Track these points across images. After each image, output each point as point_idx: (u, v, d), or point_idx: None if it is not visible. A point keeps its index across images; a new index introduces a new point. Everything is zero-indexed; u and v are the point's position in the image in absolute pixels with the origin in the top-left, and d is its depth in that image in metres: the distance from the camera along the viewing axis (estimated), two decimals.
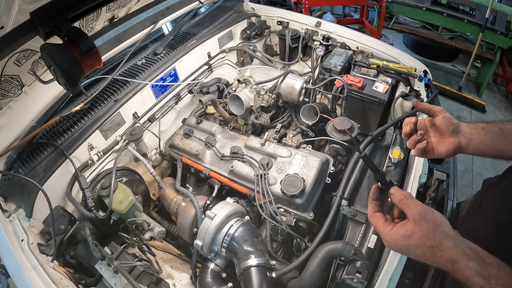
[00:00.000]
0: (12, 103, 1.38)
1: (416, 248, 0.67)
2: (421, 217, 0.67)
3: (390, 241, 0.71)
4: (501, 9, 3.82)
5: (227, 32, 2.34)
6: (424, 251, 0.66)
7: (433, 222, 0.66)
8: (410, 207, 0.70)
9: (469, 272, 0.62)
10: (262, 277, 1.17)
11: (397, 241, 0.70)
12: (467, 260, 0.62)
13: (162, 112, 1.94)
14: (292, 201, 1.40)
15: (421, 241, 0.66)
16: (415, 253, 0.68)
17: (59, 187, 1.43)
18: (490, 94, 4.34)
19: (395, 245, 0.71)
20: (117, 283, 1.17)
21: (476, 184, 3.19)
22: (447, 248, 0.64)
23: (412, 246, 0.67)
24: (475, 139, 0.86)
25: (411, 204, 0.70)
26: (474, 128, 0.87)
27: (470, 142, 0.86)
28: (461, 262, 0.62)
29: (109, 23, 1.58)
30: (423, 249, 0.66)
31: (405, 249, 0.70)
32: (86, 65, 1.06)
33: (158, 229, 1.45)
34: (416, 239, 0.66)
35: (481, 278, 0.60)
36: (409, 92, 1.80)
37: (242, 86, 1.90)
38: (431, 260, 0.66)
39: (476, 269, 0.61)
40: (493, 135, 0.85)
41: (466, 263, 0.62)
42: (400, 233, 0.69)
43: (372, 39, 2.19)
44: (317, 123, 1.76)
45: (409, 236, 0.67)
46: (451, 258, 0.64)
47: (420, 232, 0.66)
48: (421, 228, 0.66)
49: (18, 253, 1.16)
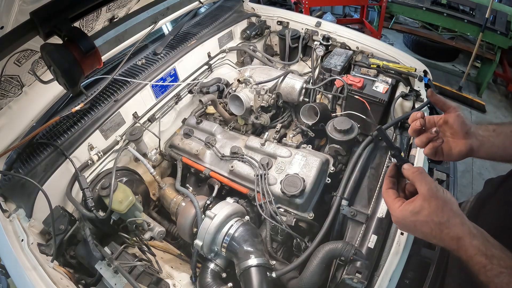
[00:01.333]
0: (12, 103, 1.38)
1: (424, 225, 0.68)
2: (431, 193, 0.68)
3: (399, 216, 0.72)
4: (501, 9, 3.82)
5: (227, 32, 2.34)
6: (431, 228, 0.67)
7: (443, 200, 0.68)
8: (421, 182, 0.71)
9: (473, 250, 0.62)
10: (262, 277, 1.17)
11: (405, 217, 0.70)
12: (472, 238, 0.63)
13: (162, 112, 1.94)
14: (292, 201, 1.40)
15: (429, 217, 0.67)
16: (422, 230, 0.69)
17: (59, 187, 1.43)
18: (490, 94, 4.34)
19: (403, 221, 0.72)
20: (117, 283, 1.17)
21: (476, 184, 3.19)
22: (454, 226, 0.65)
23: (420, 222, 0.68)
24: (487, 142, 0.82)
25: (422, 179, 0.71)
26: (486, 130, 0.83)
27: (482, 145, 0.82)
28: (466, 240, 0.63)
29: (109, 23, 1.58)
30: (430, 226, 0.67)
31: (412, 226, 0.70)
32: (86, 65, 1.06)
33: (158, 229, 1.45)
34: (424, 215, 0.68)
35: (484, 257, 0.61)
36: (409, 92, 1.80)
37: (242, 86, 1.90)
38: (437, 237, 0.67)
39: (479, 247, 0.62)
40: (505, 138, 0.82)
41: (471, 241, 0.63)
42: (409, 209, 0.70)
43: (372, 39, 2.19)
44: (317, 123, 1.76)
45: (417, 212, 0.68)
46: (456, 236, 0.65)
47: (428, 208, 0.67)
48: (430, 205, 0.67)
49: (18, 253, 1.16)
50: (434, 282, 1.14)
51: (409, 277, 1.12)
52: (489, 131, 0.84)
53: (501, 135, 0.83)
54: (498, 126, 0.84)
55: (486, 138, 0.83)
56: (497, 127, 0.84)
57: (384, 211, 1.31)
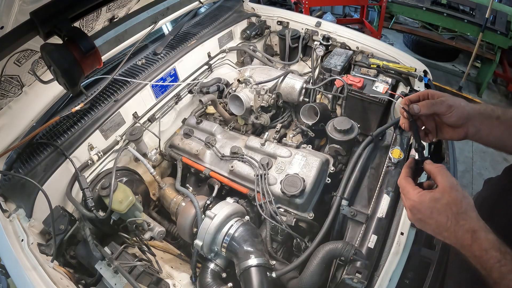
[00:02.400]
0: (12, 103, 1.38)
1: (441, 212, 0.68)
2: (452, 186, 0.69)
3: (416, 200, 0.72)
4: (501, 9, 3.82)
5: (227, 32, 2.34)
6: (448, 217, 0.67)
7: (462, 194, 0.68)
8: (443, 175, 0.71)
9: (488, 244, 0.62)
10: (262, 277, 1.17)
11: (423, 202, 0.70)
12: (487, 232, 0.63)
13: (162, 112, 1.94)
14: (292, 201, 1.40)
15: (448, 206, 0.67)
16: (437, 218, 0.69)
17: (59, 187, 1.43)
18: (490, 94, 4.34)
19: (420, 206, 0.71)
20: (117, 283, 1.17)
21: (476, 184, 3.19)
22: (471, 218, 0.65)
23: (437, 210, 0.69)
24: (485, 130, 0.81)
25: (444, 174, 0.71)
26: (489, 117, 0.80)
27: (478, 132, 0.81)
28: (482, 233, 0.64)
29: (109, 23, 1.58)
30: (447, 214, 0.67)
31: (429, 212, 0.70)
32: (86, 65, 1.06)
33: (158, 229, 1.45)
34: (443, 204, 0.68)
35: (498, 252, 0.61)
36: (409, 92, 1.80)
37: (242, 86, 1.89)
38: (451, 229, 0.67)
39: (494, 242, 0.62)
40: (505, 128, 0.80)
41: (486, 235, 0.63)
42: (428, 195, 0.70)
43: (372, 39, 2.19)
44: (317, 123, 1.76)
45: (437, 199, 0.69)
46: (472, 228, 0.65)
47: (448, 197, 0.68)
48: (450, 195, 0.68)
49: (18, 253, 1.17)
50: (434, 282, 1.14)
51: (409, 277, 1.12)
52: (493, 118, 0.80)
53: (503, 124, 0.80)
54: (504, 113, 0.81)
55: (485, 126, 0.80)
56: (503, 114, 0.81)
57: (384, 211, 1.31)
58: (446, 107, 0.78)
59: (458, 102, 0.79)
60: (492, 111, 0.81)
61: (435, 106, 0.78)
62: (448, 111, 0.78)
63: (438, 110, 0.79)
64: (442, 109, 0.78)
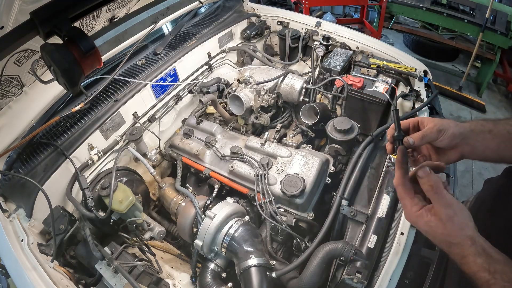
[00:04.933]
0: (12, 103, 1.38)
1: (435, 238, 0.69)
2: (448, 218, 0.67)
3: (412, 220, 0.72)
4: (501, 9, 3.82)
5: (227, 32, 2.34)
6: (441, 243, 0.69)
7: (459, 226, 0.67)
8: (438, 202, 0.68)
9: (476, 268, 0.64)
10: (262, 277, 1.17)
11: (418, 223, 0.71)
12: (476, 257, 0.64)
13: (162, 112, 1.94)
14: (292, 201, 1.40)
15: (442, 236, 0.68)
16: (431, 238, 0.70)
17: (59, 187, 1.43)
18: (490, 94, 4.34)
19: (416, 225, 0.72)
20: (117, 283, 1.17)
21: (476, 184, 3.19)
22: (462, 246, 0.66)
23: (431, 234, 0.69)
24: (480, 146, 0.80)
25: (439, 201, 0.68)
26: (481, 132, 0.80)
27: (474, 150, 0.81)
28: (470, 258, 0.65)
29: (109, 23, 1.58)
30: (440, 241, 0.69)
31: (424, 231, 0.71)
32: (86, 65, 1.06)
33: (158, 229, 1.45)
34: (438, 233, 0.68)
35: (487, 273, 0.63)
36: (409, 92, 1.80)
37: (242, 86, 1.90)
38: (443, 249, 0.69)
39: (483, 265, 0.63)
40: (501, 141, 0.80)
41: (474, 259, 0.64)
42: (424, 219, 0.69)
43: (372, 39, 2.19)
44: (317, 123, 1.76)
45: (432, 227, 0.68)
46: (463, 255, 0.66)
47: (444, 229, 0.67)
48: (445, 227, 0.67)
49: (18, 253, 1.16)
50: (434, 282, 1.14)
51: (409, 277, 1.12)
52: (485, 132, 0.81)
53: (497, 137, 0.80)
54: (495, 125, 0.81)
55: (479, 143, 0.80)
56: (494, 127, 0.81)
57: (384, 211, 1.31)
58: (436, 132, 0.78)
59: (447, 124, 0.79)
60: (483, 125, 0.81)
61: (426, 136, 0.78)
62: (439, 136, 0.78)
63: (429, 139, 0.78)
64: (432, 136, 0.78)
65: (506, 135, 0.80)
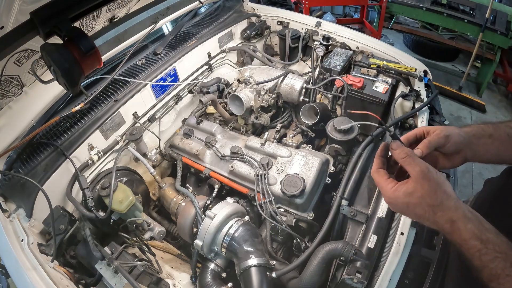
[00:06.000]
0: (12, 103, 1.38)
1: (417, 206, 0.67)
2: (424, 175, 0.67)
3: (391, 197, 0.71)
4: (501, 9, 3.82)
5: (227, 32, 2.34)
6: (425, 210, 0.67)
7: (436, 182, 0.66)
8: (412, 165, 0.69)
9: (467, 234, 0.62)
10: (262, 277, 1.17)
11: (398, 198, 0.69)
12: (466, 222, 0.63)
13: (162, 112, 1.94)
14: (292, 201, 1.40)
15: (422, 200, 0.66)
16: (415, 211, 0.68)
17: (59, 187, 1.43)
18: (490, 94, 4.34)
19: (396, 202, 0.71)
20: (117, 283, 1.17)
21: (476, 184, 3.19)
22: (448, 209, 0.65)
23: (413, 204, 0.68)
24: (481, 150, 0.82)
25: (413, 162, 0.69)
26: (482, 137, 0.82)
27: (476, 154, 0.82)
28: (460, 224, 0.63)
29: (109, 23, 1.58)
30: (423, 208, 0.67)
31: (405, 207, 0.70)
32: (86, 65, 1.06)
33: (158, 229, 1.45)
34: (417, 197, 0.67)
35: (479, 241, 0.61)
36: (409, 92, 1.80)
37: (242, 86, 1.90)
38: (430, 219, 0.67)
39: (474, 232, 0.62)
40: (500, 144, 0.81)
41: (465, 225, 0.63)
42: (402, 190, 0.69)
43: (372, 39, 2.19)
44: (317, 123, 1.76)
45: (410, 194, 0.67)
46: (450, 219, 0.64)
47: (421, 190, 0.66)
48: (422, 187, 0.66)
49: (18, 253, 1.16)
50: (434, 282, 1.14)
51: (409, 277, 1.12)
52: (485, 137, 0.82)
53: (497, 141, 0.81)
54: (495, 129, 0.82)
55: (480, 147, 0.81)
56: (494, 131, 0.82)
57: (384, 211, 1.31)
58: (443, 138, 0.78)
59: (452, 130, 0.80)
60: (483, 130, 0.82)
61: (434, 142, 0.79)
62: (446, 142, 0.79)
63: (438, 145, 0.79)
64: (441, 141, 0.78)
65: (506, 138, 0.81)
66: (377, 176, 0.76)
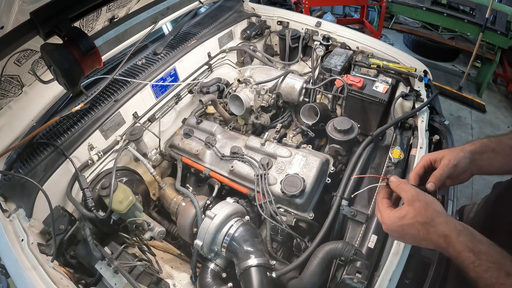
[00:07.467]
0: (12, 103, 1.38)
1: (410, 227, 0.72)
2: (414, 198, 0.73)
3: (387, 223, 0.77)
4: (501, 9, 3.82)
5: (227, 32, 2.34)
6: (418, 229, 0.70)
7: (425, 201, 0.72)
8: (404, 190, 0.76)
9: (460, 247, 0.64)
10: (262, 277, 1.17)
11: (393, 222, 0.75)
12: (458, 235, 0.65)
13: (162, 112, 1.94)
14: (292, 201, 1.40)
15: (414, 219, 0.71)
16: (410, 232, 0.73)
17: (59, 187, 1.43)
18: (490, 94, 4.34)
19: (392, 226, 0.76)
20: (117, 283, 1.17)
21: (476, 184, 3.19)
22: (439, 224, 0.68)
23: (407, 225, 0.72)
24: (485, 165, 0.86)
25: (405, 188, 0.76)
26: (485, 152, 0.86)
27: (481, 169, 0.86)
28: (453, 237, 0.66)
29: (109, 23, 1.58)
30: (416, 227, 0.71)
31: (400, 229, 0.74)
32: (86, 65, 1.06)
33: (158, 229, 1.45)
34: (410, 218, 0.71)
35: (472, 253, 0.63)
36: (409, 92, 1.80)
37: (242, 86, 1.89)
38: (425, 238, 0.70)
39: (467, 244, 0.64)
40: (503, 157, 0.85)
41: (458, 238, 0.65)
42: (396, 214, 0.74)
43: (372, 39, 2.19)
44: (317, 123, 1.76)
45: (403, 216, 0.73)
46: (443, 233, 0.67)
47: (413, 211, 0.71)
48: (414, 207, 0.72)
49: (18, 253, 1.16)
50: (434, 282, 1.14)
51: (409, 277, 1.12)
52: (488, 152, 0.85)
53: (500, 155, 0.85)
54: (497, 143, 0.86)
55: (484, 161, 0.85)
56: (497, 145, 0.85)
57: None
58: (452, 168, 0.82)
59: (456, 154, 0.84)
60: (486, 145, 0.86)
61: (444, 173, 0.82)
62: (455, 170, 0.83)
63: (448, 175, 0.83)
64: (450, 172, 0.82)
65: (509, 151, 0.85)
66: (380, 205, 0.82)
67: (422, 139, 1.52)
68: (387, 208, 0.79)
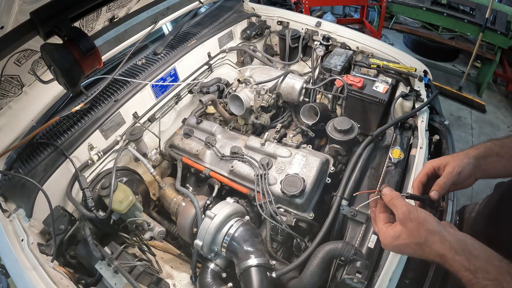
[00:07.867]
0: (12, 103, 1.38)
1: (406, 247, 0.71)
2: (405, 217, 0.71)
3: (384, 242, 0.76)
4: (501, 9, 3.82)
5: (227, 32, 2.34)
6: (414, 249, 0.70)
7: (417, 221, 0.70)
8: (396, 207, 0.74)
9: (456, 266, 0.64)
10: (262, 277, 1.17)
11: (389, 242, 0.74)
12: (454, 254, 0.65)
13: (162, 112, 1.94)
14: (292, 201, 1.40)
15: (408, 240, 0.70)
16: (406, 251, 0.73)
17: (59, 187, 1.43)
18: (490, 94, 4.34)
19: (388, 246, 0.76)
20: (117, 283, 1.17)
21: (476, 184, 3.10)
22: (433, 244, 0.67)
23: (403, 246, 0.72)
24: (489, 169, 0.85)
25: (397, 205, 0.74)
26: (489, 157, 0.85)
27: (485, 173, 0.86)
28: (449, 256, 0.65)
29: (109, 23, 1.58)
30: (412, 247, 0.70)
31: (397, 249, 0.75)
32: (86, 65, 1.06)
33: (158, 229, 1.45)
34: (404, 239, 0.71)
35: (468, 272, 0.63)
36: (409, 92, 1.80)
37: (242, 86, 1.89)
38: (422, 256, 0.70)
39: (463, 263, 0.64)
40: (507, 161, 0.84)
41: (453, 257, 0.65)
42: (390, 234, 0.74)
43: (372, 39, 2.19)
44: (317, 123, 1.76)
45: (397, 237, 0.72)
46: (438, 253, 0.66)
47: (406, 231, 0.71)
48: (406, 228, 0.71)
49: (18, 253, 1.16)
50: (434, 282, 1.14)
51: (409, 277, 1.12)
52: (492, 156, 0.85)
53: (504, 158, 0.84)
54: (501, 147, 0.85)
55: (488, 166, 0.85)
56: (501, 149, 0.85)
57: None
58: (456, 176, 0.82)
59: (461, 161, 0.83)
60: (491, 149, 0.85)
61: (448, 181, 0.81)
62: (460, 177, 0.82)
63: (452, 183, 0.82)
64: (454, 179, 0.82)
65: None
66: (377, 220, 0.81)
67: (422, 139, 1.52)
68: (383, 225, 0.78)
